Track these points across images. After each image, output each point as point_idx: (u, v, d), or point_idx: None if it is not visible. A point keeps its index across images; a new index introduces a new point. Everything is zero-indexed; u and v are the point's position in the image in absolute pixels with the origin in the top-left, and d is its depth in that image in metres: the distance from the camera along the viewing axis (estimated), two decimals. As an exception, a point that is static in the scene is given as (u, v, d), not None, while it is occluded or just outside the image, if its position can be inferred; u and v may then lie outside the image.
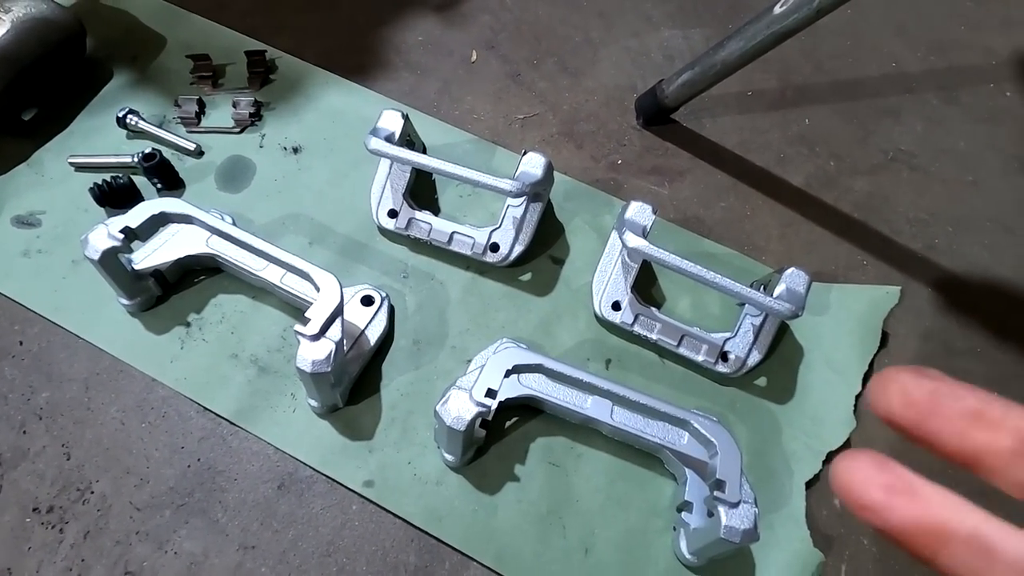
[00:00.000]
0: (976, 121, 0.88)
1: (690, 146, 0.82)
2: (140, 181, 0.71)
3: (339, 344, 0.53)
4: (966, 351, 0.70)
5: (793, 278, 0.59)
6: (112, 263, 0.57)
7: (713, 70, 0.72)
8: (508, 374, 0.53)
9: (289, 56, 0.83)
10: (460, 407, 0.51)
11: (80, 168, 0.72)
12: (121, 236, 0.56)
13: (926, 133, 0.87)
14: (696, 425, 0.52)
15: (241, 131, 0.76)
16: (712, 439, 0.52)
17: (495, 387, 0.52)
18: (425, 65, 0.86)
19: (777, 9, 0.63)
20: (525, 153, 0.64)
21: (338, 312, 0.54)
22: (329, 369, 0.52)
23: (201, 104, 0.77)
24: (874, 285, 0.71)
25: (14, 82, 0.69)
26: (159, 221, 0.59)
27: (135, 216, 0.57)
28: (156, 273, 0.63)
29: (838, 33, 0.96)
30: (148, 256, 0.62)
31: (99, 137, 0.74)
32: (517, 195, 0.61)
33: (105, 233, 0.56)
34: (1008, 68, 0.94)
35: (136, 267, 0.61)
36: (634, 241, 0.59)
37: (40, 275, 0.65)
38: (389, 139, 0.64)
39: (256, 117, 0.77)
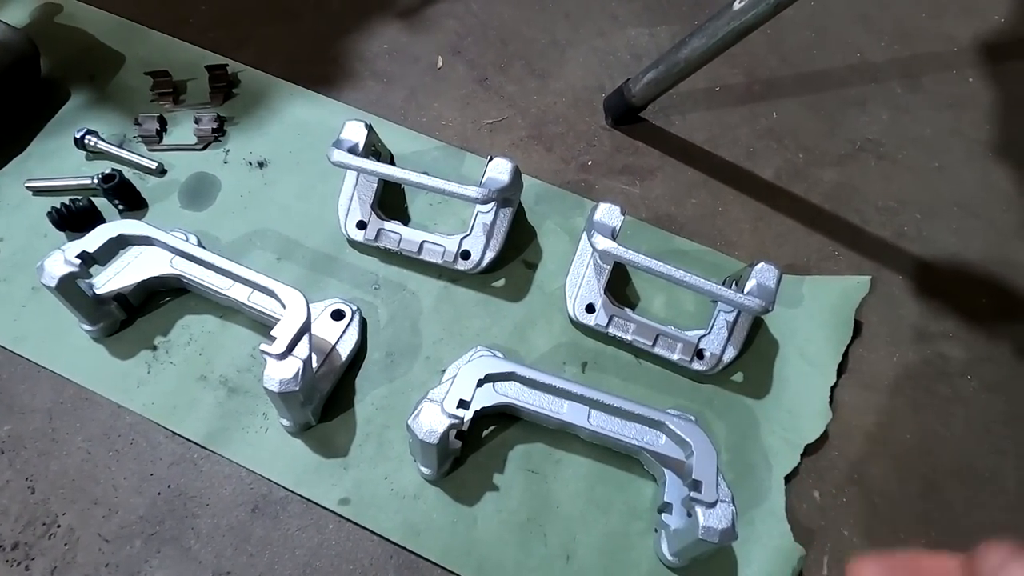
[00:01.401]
0: (940, 108, 0.89)
1: (660, 144, 0.82)
2: (101, 203, 0.69)
3: (307, 361, 0.52)
4: (939, 335, 0.70)
5: (763, 273, 0.59)
6: (71, 289, 0.56)
7: (677, 68, 0.72)
8: (481, 383, 0.53)
9: (252, 69, 0.82)
10: (432, 420, 0.51)
11: (38, 192, 0.70)
12: (78, 261, 0.55)
13: (892, 122, 0.87)
14: (671, 426, 0.52)
15: (204, 147, 0.75)
16: (687, 439, 0.51)
17: (467, 398, 0.52)
18: (391, 73, 0.85)
19: (736, 5, 0.63)
20: (491, 159, 0.64)
21: (305, 328, 0.53)
22: (298, 388, 0.51)
23: (162, 121, 0.76)
24: (845, 276, 0.71)
25: (-35, 107, 0.67)
26: (119, 244, 0.58)
27: (92, 240, 0.56)
28: (119, 297, 0.61)
29: (803, 25, 0.97)
30: (110, 280, 0.61)
31: (57, 159, 0.73)
32: (484, 202, 0.61)
33: (61, 259, 0.55)
34: (969, 54, 0.96)
35: (98, 291, 0.60)
36: (603, 243, 0.59)
37: (-1, 304, 0.63)
38: (353, 150, 0.63)
39: (219, 132, 0.76)
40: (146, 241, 0.59)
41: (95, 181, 0.68)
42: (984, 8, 1.01)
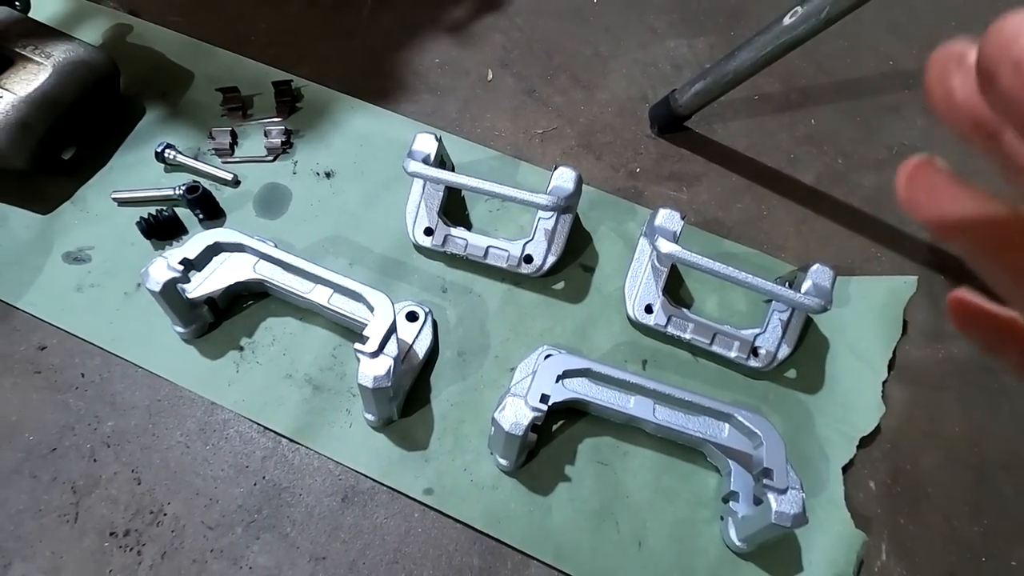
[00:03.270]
0: (973, 113, 0.92)
1: (704, 151, 0.86)
2: (182, 212, 0.73)
3: (396, 359, 0.56)
4: (981, 334, 0.73)
5: (819, 274, 0.63)
6: (171, 293, 0.60)
7: (725, 79, 0.75)
8: (559, 379, 0.56)
9: (314, 84, 0.86)
10: (517, 413, 0.54)
11: (123, 203, 0.74)
12: (180, 267, 0.59)
13: (926, 127, 0.90)
14: (740, 418, 0.55)
15: (274, 159, 0.79)
16: (756, 430, 0.55)
17: (548, 392, 0.55)
18: (444, 86, 0.89)
19: (787, 20, 0.67)
20: (556, 168, 0.67)
21: (393, 329, 0.57)
22: (390, 384, 0.55)
23: (234, 135, 0.80)
24: (892, 276, 0.74)
25: (56, 124, 0.72)
26: (213, 251, 0.62)
27: (192, 247, 0.60)
28: (208, 300, 0.65)
29: (835, 35, 0.99)
30: (200, 284, 0.65)
31: (138, 172, 0.77)
32: (553, 209, 0.64)
33: (165, 265, 0.59)
34: (999, 61, 0.98)
35: (190, 296, 0.64)
36: (667, 247, 0.63)
37: (95, 309, 0.67)
38: (425, 161, 0.67)
39: (287, 145, 0.80)
40: (238, 248, 0.63)
41: (177, 192, 0.73)
42: (1011, 16, 1.04)
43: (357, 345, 0.55)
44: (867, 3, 0.64)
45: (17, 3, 0.79)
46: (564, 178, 0.66)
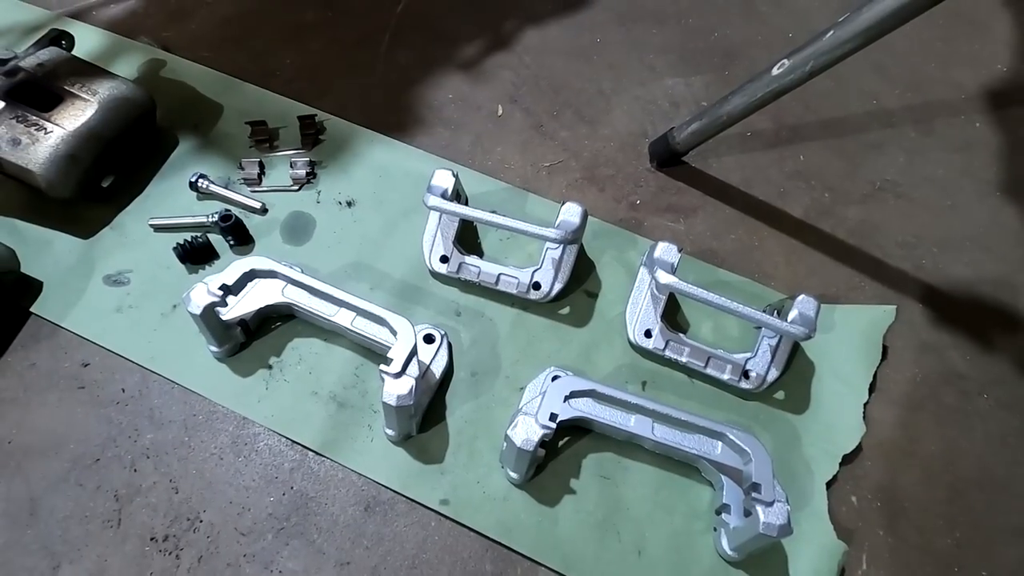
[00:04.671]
0: (951, 150, 0.99)
1: (699, 184, 0.92)
2: (214, 238, 0.79)
3: (418, 379, 0.61)
4: (957, 358, 0.79)
5: (804, 304, 0.68)
6: (210, 316, 0.65)
7: (719, 121, 0.82)
8: (567, 399, 0.61)
9: (336, 118, 0.92)
10: (528, 430, 0.59)
11: (159, 229, 0.80)
12: (220, 292, 0.64)
13: (908, 163, 0.97)
14: (732, 436, 0.61)
15: (299, 189, 0.85)
16: (746, 448, 0.60)
17: (557, 411, 0.60)
18: (457, 120, 0.96)
19: (775, 71, 0.73)
20: (564, 203, 0.73)
21: (415, 351, 0.62)
22: (412, 402, 0.60)
23: (261, 165, 0.86)
24: (873, 304, 0.80)
25: (100, 155, 0.77)
26: (248, 277, 0.67)
27: (231, 273, 0.66)
28: (241, 322, 0.70)
29: (823, 75, 1.06)
30: (233, 307, 0.70)
31: (172, 199, 0.83)
32: (561, 242, 0.70)
33: (205, 290, 0.64)
34: (977, 101, 1.05)
35: (224, 318, 0.69)
36: (665, 278, 0.68)
37: (134, 328, 0.72)
38: (444, 195, 0.73)
39: (312, 175, 0.86)
40: (271, 274, 0.68)
41: (210, 219, 0.78)
42: (988, 58, 1.11)
43: (382, 366, 0.60)
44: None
45: (63, 42, 0.85)
46: (571, 212, 0.72)
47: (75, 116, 0.76)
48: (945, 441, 0.72)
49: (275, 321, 0.74)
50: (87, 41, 0.95)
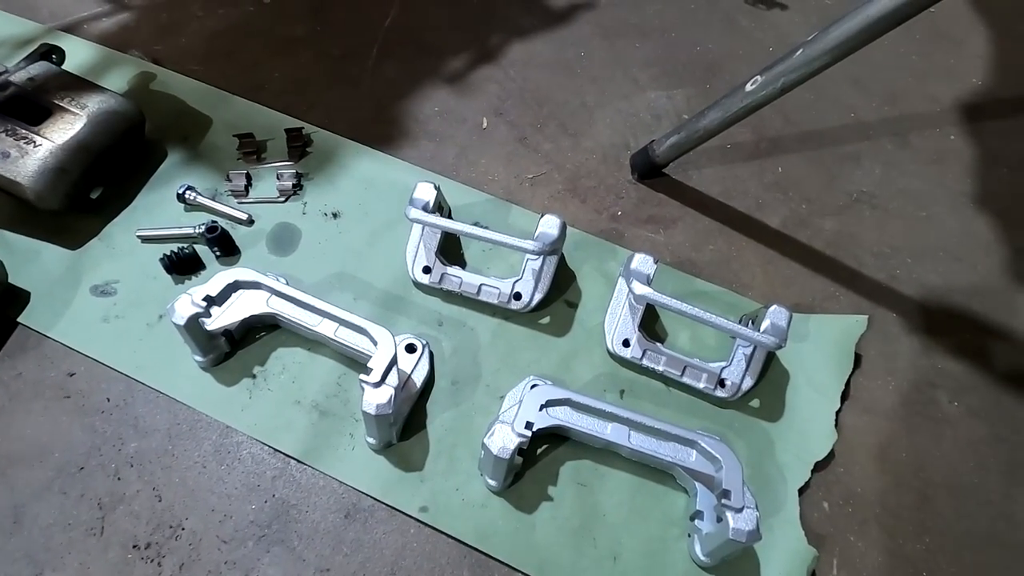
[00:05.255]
0: (926, 162, 1.01)
1: (679, 196, 0.94)
2: (200, 249, 0.80)
3: (397, 389, 0.62)
4: (929, 366, 0.80)
5: (776, 314, 0.70)
6: (194, 326, 0.66)
7: (697, 135, 0.84)
8: (543, 408, 0.63)
9: (323, 130, 0.94)
10: (504, 438, 0.61)
11: (147, 240, 0.81)
12: (204, 303, 0.65)
13: (884, 175, 0.99)
14: (703, 444, 0.62)
15: (286, 200, 0.87)
16: (717, 455, 0.61)
17: (532, 420, 0.62)
18: (442, 133, 0.97)
19: (748, 87, 0.75)
20: (543, 215, 0.75)
21: (394, 361, 0.63)
22: (391, 411, 0.61)
23: (248, 177, 0.87)
24: (846, 315, 0.82)
25: (89, 168, 0.79)
26: (232, 288, 0.69)
27: (214, 285, 0.67)
28: (225, 332, 0.71)
29: (802, 88, 1.07)
30: (218, 317, 0.71)
31: (159, 211, 0.84)
32: (539, 254, 0.72)
33: (189, 301, 0.65)
34: (951, 114, 1.08)
35: (208, 328, 0.70)
36: (640, 289, 0.70)
37: (120, 338, 0.73)
38: (425, 208, 0.75)
39: (298, 187, 0.88)
40: (255, 286, 0.69)
41: (197, 231, 0.79)
42: (963, 72, 1.14)
43: (362, 376, 0.61)
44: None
45: (54, 56, 0.86)
46: (549, 224, 0.74)
47: (64, 130, 0.77)
48: (916, 447, 0.74)
49: (260, 331, 0.75)
50: (78, 54, 0.97)
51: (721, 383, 0.73)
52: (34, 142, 0.75)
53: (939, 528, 0.69)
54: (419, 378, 0.71)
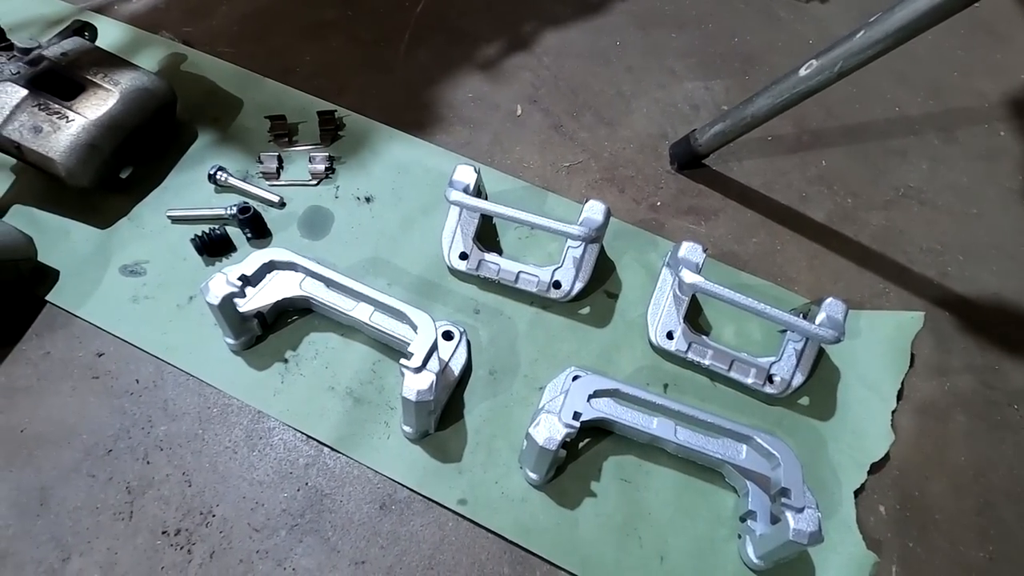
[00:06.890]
0: (975, 158, 0.98)
1: (720, 187, 0.91)
2: (231, 231, 0.78)
3: (438, 375, 0.60)
4: (985, 367, 0.77)
5: (832, 307, 0.67)
6: (228, 307, 0.64)
7: (744, 122, 0.81)
8: (590, 398, 0.60)
9: (355, 114, 0.92)
10: (551, 428, 0.58)
11: (177, 220, 0.79)
12: (239, 283, 0.63)
13: (931, 171, 0.96)
14: (759, 440, 0.59)
15: (318, 183, 0.84)
16: (774, 452, 0.58)
17: (580, 410, 0.59)
18: (476, 119, 0.95)
19: (802, 72, 0.72)
20: (587, 201, 0.72)
21: (435, 346, 0.61)
22: (432, 397, 0.58)
23: (280, 160, 0.85)
24: (899, 311, 0.78)
25: (120, 146, 0.77)
26: (268, 268, 0.66)
27: (250, 264, 0.65)
28: (258, 314, 0.69)
29: (845, 82, 1.04)
30: (251, 299, 0.69)
31: (190, 192, 0.82)
32: (585, 239, 0.69)
33: (224, 280, 0.63)
34: (1000, 109, 1.04)
35: (241, 309, 0.68)
36: (691, 277, 0.67)
37: (149, 319, 0.71)
38: (465, 190, 0.72)
39: (330, 170, 0.86)
40: (291, 266, 0.67)
41: (229, 212, 0.77)
42: (1010, 68, 1.10)
43: (402, 360, 0.59)
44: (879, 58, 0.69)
45: (86, 32, 0.85)
46: (594, 210, 0.71)
47: (97, 105, 0.76)
48: (975, 452, 0.71)
49: (292, 315, 0.73)
50: (108, 35, 0.95)
51: (770, 379, 0.70)
52: (66, 117, 0.73)
53: (1002, 536, 0.66)
54: (457, 366, 0.69)
